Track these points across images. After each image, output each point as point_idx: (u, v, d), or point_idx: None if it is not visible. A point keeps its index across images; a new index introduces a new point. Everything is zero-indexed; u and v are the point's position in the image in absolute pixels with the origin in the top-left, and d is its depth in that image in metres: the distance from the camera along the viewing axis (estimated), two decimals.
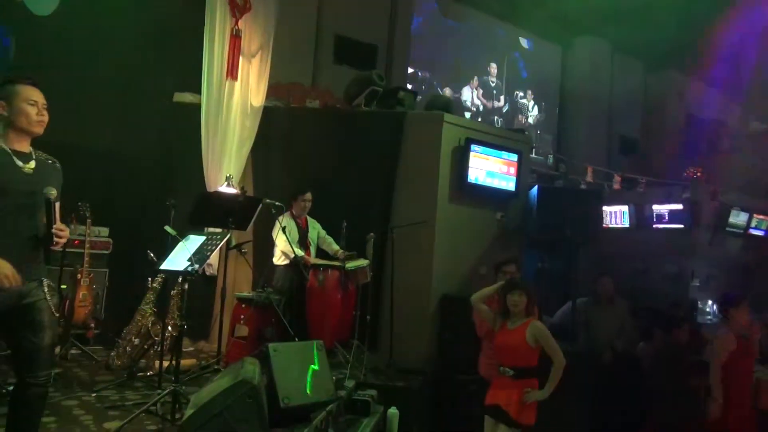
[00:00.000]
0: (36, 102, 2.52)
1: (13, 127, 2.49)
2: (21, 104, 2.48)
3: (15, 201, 2.42)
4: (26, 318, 2.46)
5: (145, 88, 6.12)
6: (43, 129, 2.56)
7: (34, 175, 2.51)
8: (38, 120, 2.52)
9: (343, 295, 5.07)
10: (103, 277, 5.62)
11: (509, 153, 6.19)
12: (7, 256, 2.36)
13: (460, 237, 5.89)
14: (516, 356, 3.71)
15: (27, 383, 2.47)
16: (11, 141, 2.49)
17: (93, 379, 4.39)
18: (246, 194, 4.88)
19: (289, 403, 3.42)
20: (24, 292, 2.45)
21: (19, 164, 2.47)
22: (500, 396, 3.71)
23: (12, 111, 2.48)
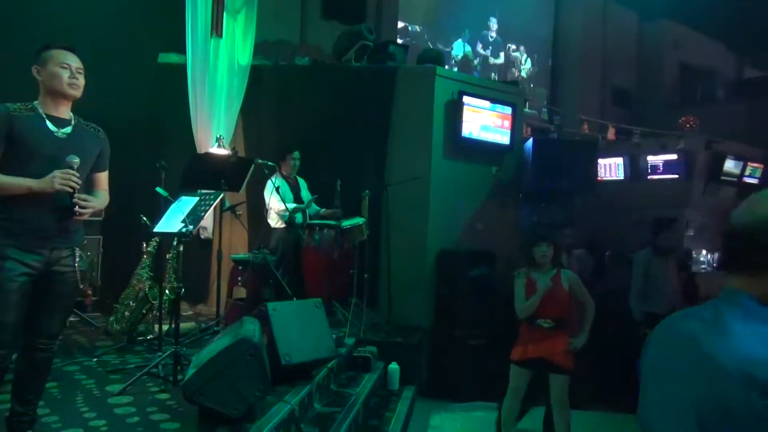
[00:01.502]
0: (69, 65, 2.46)
1: (49, 91, 2.45)
2: (54, 68, 2.43)
3: (42, 165, 2.35)
4: (49, 286, 2.45)
5: (128, 50, 5.93)
6: (80, 92, 2.50)
7: (67, 141, 2.44)
8: (70, 82, 2.45)
9: (339, 254, 5.06)
10: (97, 244, 5.56)
11: (503, 106, 6.10)
12: (31, 224, 2.35)
13: (456, 192, 5.85)
14: (555, 306, 3.76)
15: (35, 347, 2.47)
16: (48, 106, 2.45)
17: (93, 344, 4.38)
18: (237, 155, 4.79)
19: (290, 360, 3.44)
20: (53, 260, 2.43)
21: (51, 128, 2.41)
22: (542, 348, 3.75)
23: (46, 75, 2.44)
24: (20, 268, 2.33)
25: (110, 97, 5.77)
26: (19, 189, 2.30)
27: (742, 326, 1.00)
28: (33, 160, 2.36)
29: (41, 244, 2.39)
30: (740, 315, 1.03)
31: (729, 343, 0.98)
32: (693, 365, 1.01)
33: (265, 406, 3.09)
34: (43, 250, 2.40)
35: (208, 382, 2.80)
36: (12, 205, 2.33)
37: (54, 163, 2.37)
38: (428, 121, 5.69)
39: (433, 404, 5.11)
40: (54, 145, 2.41)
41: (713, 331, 1.02)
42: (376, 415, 4.21)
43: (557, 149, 6.07)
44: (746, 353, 0.95)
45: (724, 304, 1.08)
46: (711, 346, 0.99)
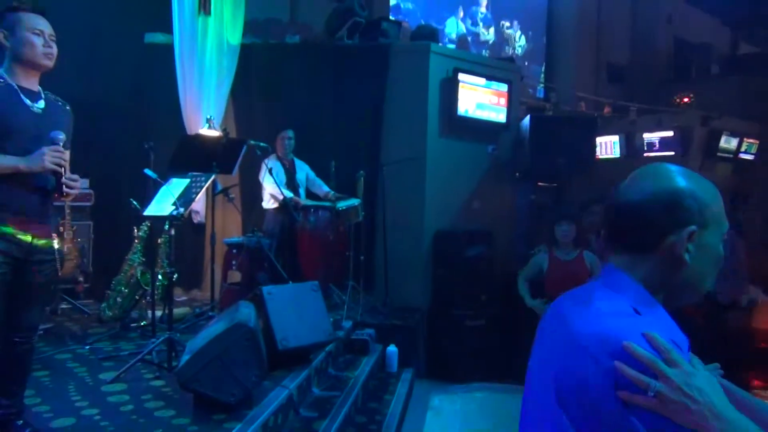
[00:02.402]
0: (42, 32, 2.25)
1: (19, 60, 2.23)
2: (25, 34, 2.21)
3: (21, 145, 2.16)
4: (29, 276, 2.28)
5: (113, 30, 5.76)
6: (53, 62, 2.30)
7: (44, 117, 2.26)
8: (45, 51, 2.25)
9: (334, 236, 4.97)
10: (88, 230, 5.44)
11: (499, 83, 5.99)
12: (13, 209, 2.17)
13: (452, 172, 5.77)
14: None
15: (15, 341, 2.33)
16: (17, 77, 2.23)
17: (85, 332, 4.30)
18: (229, 136, 4.67)
19: (287, 345, 3.37)
20: (34, 248, 2.26)
21: (27, 102, 2.21)
22: None
23: (15, 42, 2.22)
24: (3, 258, 2.17)
25: (96, 78, 5.65)
26: (5, 169, 2.12)
27: (607, 304, 0.99)
28: (10, 138, 2.16)
29: (23, 229, 2.22)
30: (609, 294, 1.02)
31: (589, 318, 0.98)
32: (557, 340, 1.02)
33: (262, 391, 3.03)
34: (25, 237, 2.23)
35: (203, 369, 2.73)
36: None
37: (34, 142, 2.20)
38: (423, 100, 5.57)
39: (432, 386, 5.07)
40: (31, 121, 2.22)
41: (581, 308, 1.02)
42: (375, 398, 4.16)
43: (555, 127, 5.96)
44: (600, 329, 0.95)
45: (599, 283, 1.06)
46: (573, 322, 1.00)
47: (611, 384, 0.90)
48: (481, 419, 4.50)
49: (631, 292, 1.01)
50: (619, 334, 0.92)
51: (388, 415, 3.89)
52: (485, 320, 5.53)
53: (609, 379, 0.90)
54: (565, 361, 0.97)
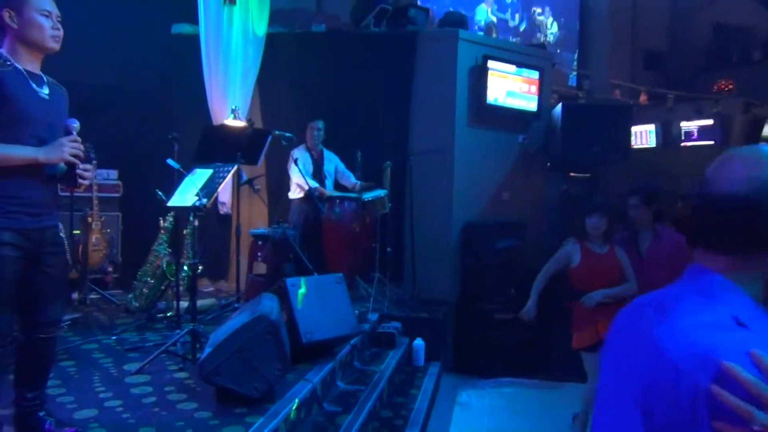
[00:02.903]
0: (50, 13, 2.12)
1: (25, 42, 2.10)
2: (33, 14, 2.09)
3: (34, 132, 2.07)
4: (44, 270, 2.21)
5: (140, 22, 5.77)
6: (59, 45, 2.17)
7: (51, 103, 2.16)
8: (53, 34, 2.13)
9: (360, 227, 4.90)
10: (116, 221, 5.50)
11: (530, 70, 5.82)
12: (25, 200, 2.08)
13: (481, 162, 5.63)
14: (613, 280, 3.51)
15: (39, 337, 2.28)
16: (22, 59, 2.10)
17: (113, 322, 4.32)
18: (254, 126, 4.62)
19: (311, 338, 3.31)
20: (46, 240, 2.20)
21: (34, 88, 2.10)
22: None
23: (23, 23, 2.08)
24: (16, 253, 2.07)
25: (124, 69, 5.67)
26: (23, 160, 2.03)
27: (700, 314, 0.85)
28: (25, 126, 2.07)
29: (35, 222, 2.13)
30: (701, 301, 0.87)
31: (679, 330, 0.84)
32: (640, 352, 0.88)
33: (285, 385, 2.98)
34: (37, 230, 2.14)
35: (225, 362, 2.69)
36: (4, 179, 2.03)
37: (46, 129, 2.13)
38: (451, 88, 5.43)
39: (460, 380, 4.98)
40: (41, 108, 2.12)
41: (667, 317, 0.87)
42: (402, 393, 4.09)
43: (588, 115, 5.76)
44: (694, 344, 0.80)
45: (687, 288, 0.91)
46: (659, 335, 0.86)
47: (705, 411, 0.77)
48: (510, 415, 4.39)
49: (733, 299, 0.86)
50: (716, 351, 0.78)
51: (414, 410, 3.81)
52: (514, 314, 5.38)
53: (703, 405, 0.77)
54: (651, 377, 0.84)
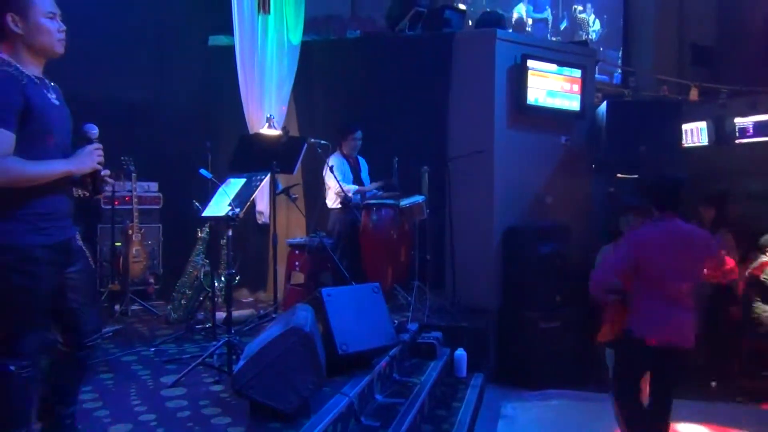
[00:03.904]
0: (54, 14, 2.03)
1: (31, 47, 1.99)
2: (39, 19, 1.98)
3: (56, 141, 2.01)
4: (75, 281, 2.15)
5: (179, 34, 5.86)
6: (64, 48, 2.07)
7: (61, 107, 2.08)
8: (60, 38, 2.04)
9: (398, 234, 4.79)
10: (157, 232, 5.55)
11: (571, 69, 5.61)
12: (54, 214, 2.03)
13: (522, 164, 5.45)
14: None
15: (80, 347, 2.22)
16: (27, 65, 1.99)
17: (153, 333, 4.34)
18: (289, 134, 4.59)
19: (347, 349, 3.21)
20: (73, 251, 2.15)
21: (48, 95, 2.02)
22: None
23: (28, 27, 1.97)
24: (52, 269, 2.03)
25: (162, 82, 5.75)
26: (59, 174, 1.98)
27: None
28: (49, 137, 1.99)
29: (63, 234, 2.08)
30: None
31: None
32: None
33: (321, 398, 2.89)
34: (65, 241, 2.09)
35: (258, 375, 2.62)
36: (34, 195, 1.95)
37: (65, 136, 2.08)
38: (490, 89, 5.28)
39: (504, 392, 4.80)
40: (57, 115, 2.05)
41: None
42: (443, 405, 3.96)
43: (635, 113, 5.50)
44: None
45: None
46: None
47: None
48: (557, 429, 4.20)
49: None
50: None
51: (457, 424, 3.67)
52: (560, 322, 5.19)
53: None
54: None
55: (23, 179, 1.92)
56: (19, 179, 1.91)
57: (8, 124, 1.87)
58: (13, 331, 1.98)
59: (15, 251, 1.93)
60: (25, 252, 1.94)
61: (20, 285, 1.94)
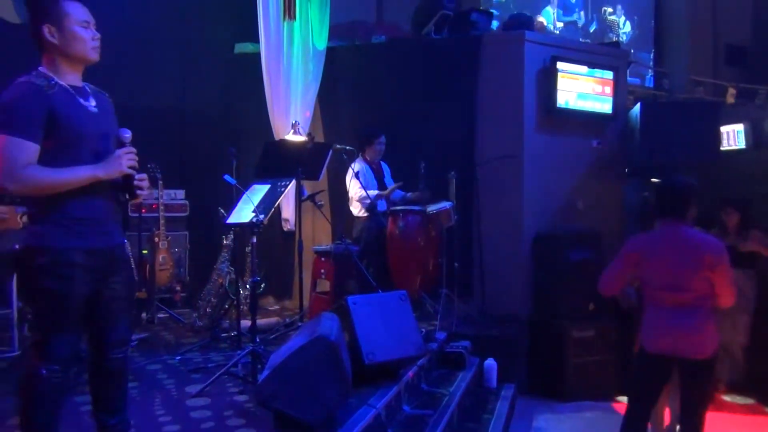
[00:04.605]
0: (88, 23, 2.06)
1: (67, 56, 2.04)
2: (74, 27, 2.02)
3: (90, 147, 2.03)
4: (113, 288, 2.15)
5: (205, 42, 5.89)
6: (99, 55, 2.11)
7: (100, 114, 2.11)
8: (94, 45, 2.07)
9: (425, 241, 4.69)
10: (184, 240, 5.55)
11: (603, 70, 5.46)
12: (92, 219, 2.04)
13: (552, 169, 5.31)
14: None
15: (110, 357, 2.19)
16: (64, 74, 2.04)
17: (179, 341, 4.31)
18: (314, 140, 4.54)
19: (373, 359, 3.12)
20: (115, 257, 2.15)
21: (82, 103, 2.06)
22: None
23: (63, 37, 2.01)
24: (90, 275, 2.03)
25: (188, 91, 5.78)
26: (86, 180, 1.98)
27: None
28: (81, 144, 2.01)
29: (104, 240, 2.08)
30: None
31: None
32: None
33: (347, 410, 2.80)
34: (106, 248, 2.09)
35: (282, 385, 2.54)
36: (68, 199, 1.98)
37: (101, 141, 2.08)
38: (518, 93, 5.17)
39: (536, 404, 4.65)
40: (92, 122, 2.07)
41: None
42: (473, 417, 3.83)
43: (671, 115, 5.31)
44: None
45: None
46: None
47: None
48: None
49: None
50: None
51: None
52: (594, 331, 5.01)
53: None
54: None
55: (46, 186, 1.95)
56: (42, 187, 1.94)
57: (30, 134, 1.91)
58: (46, 334, 2.00)
59: (49, 253, 1.96)
60: (58, 255, 1.96)
61: (53, 287, 1.96)
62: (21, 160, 1.89)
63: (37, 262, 1.96)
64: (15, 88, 1.95)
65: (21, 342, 3.92)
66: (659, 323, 2.95)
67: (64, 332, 2.02)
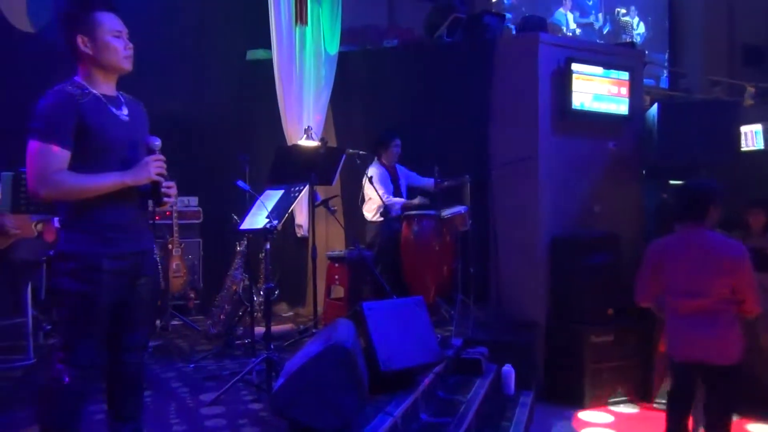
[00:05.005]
0: (120, 32, 2.12)
1: (100, 66, 2.09)
2: (106, 37, 2.08)
3: (119, 155, 2.08)
4: (137, 294, 2.17)
5: (216, 49, 5.90)
6: (132, 64, 2.16)
7: (132, 123, 2.15)
8: (127, 55, 2.13)
9: (441, 246, 4.63)
10: (197, 247, 5.55)
11: (618, 71, 5.37)
12: (121, 225, 2.08)
13: (568, 172, 5.21)
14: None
15: (126, 362, 2.21)
16: (98, 84, 2.10)
17: (193, 349, 4.30)
18: (327, 145, 4.51)
19: (390, 366, 3.08)
20: (143, 264, 2.17)
21: (114, 111, 2.11)
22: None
23: (96, 47, 2.07)
24: (118, 280, 2.07)
25: (200, 98, 5.77)
26: (114, 186, 2.02)
27: None
28: (110, 152, 2.06)
29: (131, 246, 2.12)
30: None
31: None
32: None
33: (363, 419, 2.75)
34: (136, 254, 2.14)
35: (298, 394, 2.51)
36: (97, 206, 2.03)
37: (131, 150, 2.10)
38: (533, 95, 5.08)
39: (555, 410, 4.57)
40: (123, 131, 2.11)
41: None
42: (491, 425, 3.76)
43: (689, 114, 5.20)
44: None
45: None
46: None
47: None
48: None
49: None
50: None
51: None
52: (613, 336, 4.92)
53: None
54: None
55: (75, 192, 2.01)
56: (71, 192, 2.01)
57: (61, 141, 1.98)
58: (70, 339, 2.05)
59: (78, 259, 2.02)
60: (88, 260, 2.02)
61: (79, 291, 2.01)
62: (52, 166, 1.96)
63: (65, 266, 2.01)
64: (48, 96, 2.00)
65: (36, 350, 3.93)
66: (680, 330, 2.91)
67: (88, 338, 2.05)
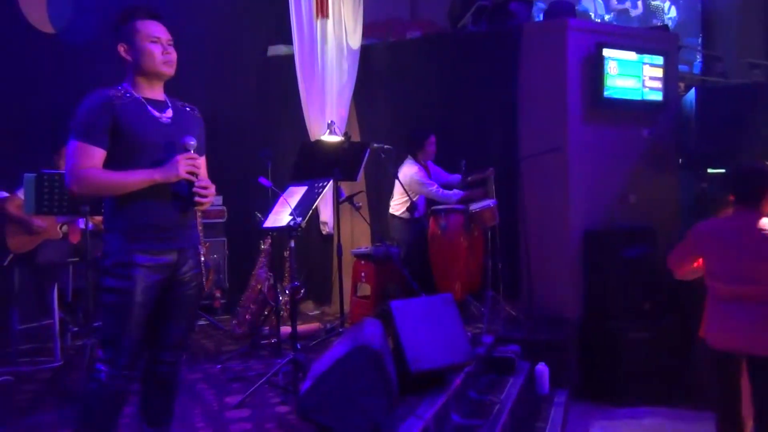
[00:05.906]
0: (159, 38, 2.15)
1: (140, 71, 2.15)
2: (143, 43, 2.13)
3: (153, 156, 2.11)
4: (176, 293, 2.19)
5: (238, 46, 5.84)
6: (173, 69, 2.19)
7: (172, 125, 2.18)
8: (164, 59, 2.15)
9: (469, 242, 4.50)
10: (222, 246, 5.52)
11: (652, 56, 5.16)
12: (155, 223, 2.11)
13: (600, 162, 5.03)
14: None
15: (162, 362, 2.21)
16: (142, 88, 2.17)
17: (219, 349, 4.26)
18: (351, 140, 4.41)
19: (420, 367, 2.97)
20: (181, 262, 2.18)
21: (154, 114, 2.14)
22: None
23: (135, 53, 2.14)
24: (151, 277, 2.09)
25: (223, 94, 5.71)
26: (142, 183, 2.05)
27: None
28: (143, 153, 2.09)
29: (168, 245, 2.14)
30: None
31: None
32: None
33: (393, 421, 2.65)
34: (171, 252, 2.14)
35: (325, 397, 2.42)
36: (130, 203, 2.07)
37: (167, 151, 2.10)
38: (562, 83, 4.91)
39: (591, 410, 4.40)
40: (161, 133, 2.13)
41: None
42: (526, 426, 3.65)
43: (729, 99, 4.96)
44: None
45: None
46: None
47: None
48: None
49: None
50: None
51: None
52: (650, 332, 4.73)
53: None
54: None
55: (105, 187, 2.08)
56: (102, 188, 2.09)
57: (96, 140, 2.04)
58: (111, 335, 2.08)
59: (113, 256, 2.08)
60: (121, 256, 2.07)
61: (117, 287, 2.06)
62: (85, 163, 2.03)
63: (104, 265, 2.10)
64: (89, 97, 2.09)
65: (63, 353, 3.92)
66: (725, 318, 2.77)
67: (126, 334, 2.06)
